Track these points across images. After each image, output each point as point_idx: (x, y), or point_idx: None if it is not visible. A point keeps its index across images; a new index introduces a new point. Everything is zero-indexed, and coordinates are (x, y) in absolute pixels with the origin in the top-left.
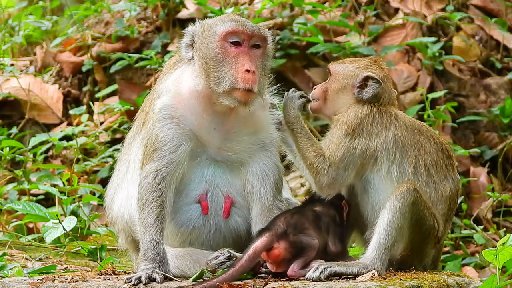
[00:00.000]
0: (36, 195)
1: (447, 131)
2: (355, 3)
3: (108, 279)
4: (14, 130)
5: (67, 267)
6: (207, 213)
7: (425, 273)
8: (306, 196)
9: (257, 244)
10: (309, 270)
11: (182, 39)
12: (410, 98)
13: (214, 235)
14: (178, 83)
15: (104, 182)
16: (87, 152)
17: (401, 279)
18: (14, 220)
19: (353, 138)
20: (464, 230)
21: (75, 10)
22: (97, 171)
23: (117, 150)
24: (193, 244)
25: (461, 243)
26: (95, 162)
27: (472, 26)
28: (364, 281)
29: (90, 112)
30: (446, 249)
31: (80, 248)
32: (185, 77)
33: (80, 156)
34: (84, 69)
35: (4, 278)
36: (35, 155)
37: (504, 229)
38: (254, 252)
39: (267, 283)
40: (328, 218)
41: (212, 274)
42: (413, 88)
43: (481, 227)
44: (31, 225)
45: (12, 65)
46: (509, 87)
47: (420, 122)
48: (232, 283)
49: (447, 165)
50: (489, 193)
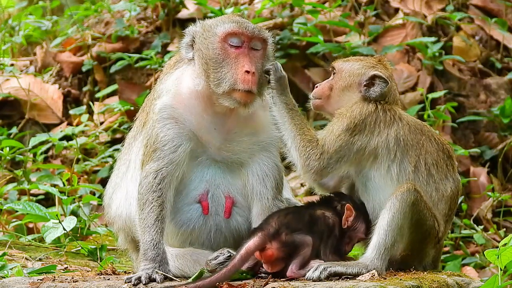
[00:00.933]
0: (36, 195)
1: (447, 131)
2: (355, 3)
3: (108, 279)
4: (14, 130)
5: (67, 267)
6: (208, 213)
7: (425, 273)
8: (315, 198)
9: (250, 244)
10: (309, 270)
11: (183, 39)
12: (410, 98)
13: (215, 235)
14: (178, 83)
15: (104, 182)
16: (87, 152)
17: (401, 279)
18: (14, 220)
19: (353, 134)
20: (464, 230)
21: (75, 10)
22: (97, 171)
23: (117, 150)
24: (193, 244)
25: (461, 243)
26: (95, 162)
27: (472, 26)
28: (364, 281)
29: (90, 112)
30: (446, 249)
31: (80, 248)
32: (185, 77)
33: (80, 156)
34: (84, 69)
35: (4, 278)
36: (35, 155)
37: (504, 229)
38: (247, 252)
39: (267, 283)
40: (325, 227)
41: (212, 274)
42: (413, 88)
43: (481, 227)
44: (31, 225)
45: (12, 65)
46: (509, 87)
47: (422, 122)
48: (232, 283)
49: (448, 165)
50: (489, 193)
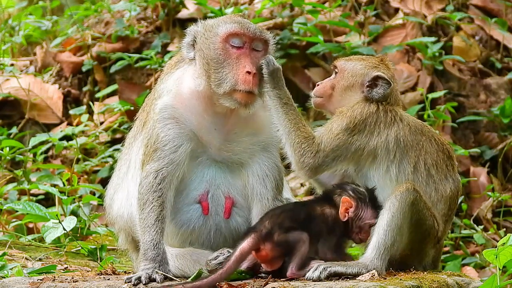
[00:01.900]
0: (36, 195)
1: (447, 131)
2: (355, 3)
3: (108, 279)
4: (14, 130)
5: (67, 267)
6: (208, 214)
7: (425, 273)
8: (312, 196)
9: (244, 246)
10: (309, 270)
11: (184, 39)
12: (410, 98)
13: (215, 236)
14: (179, 83)
15: (104, 182)
16: (87, 152)
17: (401, 279)
18: (14, 220)
19: (352, 134)
20: (464, 230)
21: (75, 10)
22: (97, 171)
23: (117, 150)
24: (193, 244)
25: (461, 243)
26: (95, 162)
27: (472, 26)
28: (364, 281)
29: (90, 112)
30: (446, 249)
31: (80, 248)
32: (186, 77)
33: (80, 156)
34: (84, 69)
35: (4, 278)
36: (35, 155)
37: (504, 229)
38: (241, 254)
39: (267, 283)
40: (323, 224)
41: (210, 275)
42: (413, 88)
43: (481, 227)
44: (31, 225)
45: (12, 65)
46: (509, 87)
47: (423, 123)
48: (232, 283)
49: (448, 165)
50: (489, 193)
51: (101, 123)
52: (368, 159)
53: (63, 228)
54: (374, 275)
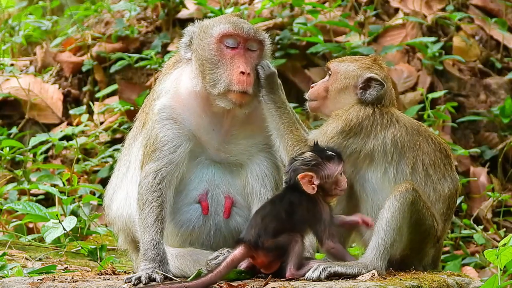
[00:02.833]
0: (36, 195)
1: (447, 131)
2: (355, 3)
3: (108, 279)
4: (14, 130)
5: (67, 267)
6: (207, 213)
7: (425, 273)
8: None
9: (236, 254)
10: (309, 270)
11: (182, 39)
12: (410, 98)
13: (214, 235)
14: (177, 84)
15: (104, 182)
16: (87, 152)
17: (401, 279)
18: (14, 220)
19: (348, 137)
20: (464, 230)
21: (75, 10)
22: (97, 171)
23: (117, 150)
24: (193, 244)
25: (461, 243)
26: (95, 162)
27: (472, 26)
28: (364, 281)
29: (90, 112)
30: (446, 249)
31: (80, 248)
32: (184, 78)
33: (80, 156)
34: (84, 69)
35: (4, 278)
36: (35, 155)
37: (504, 229)
38: (232, 261)
39: (267, 283)
40: (305, 213)
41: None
42: (413, 88)
43: (481, 227)
44: (31, 225)
45: (12, 65)
46: (509, 87)
47: (419, 123)
48: (232, 283)
49: (446, 165)
50: (489, 193)
51: (101, 123)
52: (365, 162)
53: (63, 228)
54: (374, 275)
